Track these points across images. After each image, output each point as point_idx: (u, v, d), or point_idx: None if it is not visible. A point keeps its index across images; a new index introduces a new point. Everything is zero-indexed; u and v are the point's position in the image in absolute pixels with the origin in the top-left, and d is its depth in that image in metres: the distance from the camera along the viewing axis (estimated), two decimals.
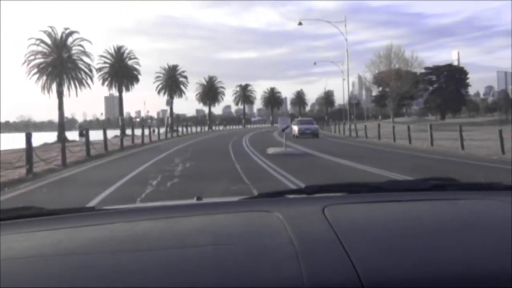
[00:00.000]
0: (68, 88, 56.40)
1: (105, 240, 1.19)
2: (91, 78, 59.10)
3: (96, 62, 75.24)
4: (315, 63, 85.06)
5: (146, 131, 36.25)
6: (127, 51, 76.68)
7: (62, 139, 51.37)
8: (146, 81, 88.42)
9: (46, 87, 56.07)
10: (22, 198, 9.84)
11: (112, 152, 23.09)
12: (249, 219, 1.35)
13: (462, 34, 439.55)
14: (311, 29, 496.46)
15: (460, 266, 1.01)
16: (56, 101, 55.15)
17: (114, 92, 75.16)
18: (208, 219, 1.37)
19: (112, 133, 43.50)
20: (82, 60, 58.41)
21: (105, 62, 75.68)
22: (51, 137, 51.64)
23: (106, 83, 74.87)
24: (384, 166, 14.16)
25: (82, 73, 58.04)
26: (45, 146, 33.33)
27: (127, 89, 75.17)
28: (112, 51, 75.92)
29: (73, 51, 58.29)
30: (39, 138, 43.90)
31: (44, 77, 55.87)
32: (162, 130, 46.97)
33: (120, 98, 75.01)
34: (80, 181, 12.83)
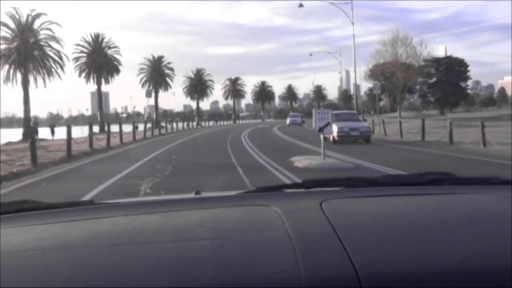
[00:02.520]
0: (35, 78, 47.03)
1: (104, 234, 1.16)
2: (61, 67, 49.53)
3: (72, 51, 66.07)
4: (311, 54, 76.04)
5: (129, 128, 27.87)
6: (106, 39, 66.98)
7: (30, 136, 42.56)
8: (134, 76, 78.57)
9: (9, 77, 46.53)
10: None
11: (46, 165, 13.87)
12: (247, 213, 1.31)
13: (448, 29, 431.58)
14: (299, 25, 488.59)
15: (457, 260, 0.98)
16: (42, 95, 45.93)
17: (93, 84, 65.37)
18: (206, 213, 1.32)
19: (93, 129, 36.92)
20: (50, 46, 48.90)
21: (81, 52, 65.91)
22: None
23: (83, 74, 65.23)
24: None
25: (51, 61, 48.52)
26: (6, 146, 24.69)
27: (107, 82, 65.51)
28: (89, 39, 66.18)
29: (41, 36, 48.71)
30: (11, 136, 39.39)
31: (7, 66, 46.34)
32: (148, 126, 38.33)
33: (99, 91, 65.30)
34: None
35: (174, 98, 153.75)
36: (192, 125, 60.50)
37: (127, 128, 32.72)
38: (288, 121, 60.65)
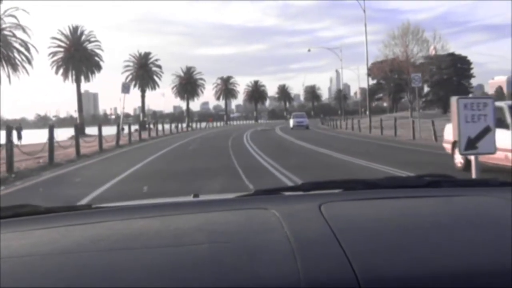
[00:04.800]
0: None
1: (102, 238, 1.13)
2: (29, 61, 41.22)
3: (48, 45, 57.63)
4: (309, 50, 69.03)
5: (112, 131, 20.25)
6: (86, 32, 58.52)
7: None
8: (123, 77, 69.94)
9: None
10: None
11: None
12: (246, 217, 1.27)
13: (438, 30, 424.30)
14: (289, 25, 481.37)
15: (456, 262, 0.96)
16: (31, 97, 37.69)
17: (72, 82, 56.86)
18: (204, 217, 1.29)
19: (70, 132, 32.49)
20: (15, 36, 40.50)
21: (59, 46, 57.41)
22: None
23: (61, 71, 56.76)
24: None
25: (16, 53, 40.14)
26: None
27: (87, 79, 57.04)
28: (67, 31, 57.67)
29: (5, 25, 40.32)
30: None
31: None
32: (134, 127, 30.36)
33: (78, 90, 56.72)
34: None
35: (164, 99, 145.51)
36: (181, 127, 50.68)
37: (111, 131, 24.81)
38: (291, 123, 46.60)
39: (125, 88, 26.64)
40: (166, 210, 1.38)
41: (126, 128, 27.68)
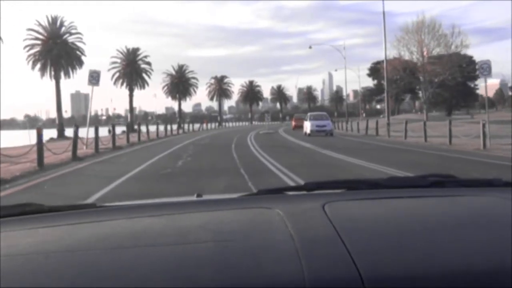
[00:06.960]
0: None
1: (106, 237, 1.11)
2: None
3: (23, 37, 50.28)
4: (310, 47, 62.66)
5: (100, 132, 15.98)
6: (66, 23, 51.13)
7: None
8: (109, 74, 62.47)
9: None
10: None
11: None
12: (250, 216, 1.26)
13: (430, 33, 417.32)
14: (282, 27, 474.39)
15: (459, 262, 0.94)
16: (23, 97, 30.40)
17: (51, 79, 49.43)
18: (208, 216, 1.27)
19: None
20: None
21: (36, 38, 50.07)
22: None
23: (38, 65, 49.38)
24: None
25: None
26: None
27: (67, 75, 49.68)
28: (45, 22, 50.26)
29: None
30: None
31: None
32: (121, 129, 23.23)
33: (58, 86, 49.24)
34: None
35: (155, 100, 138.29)
36: (171, 129, 41.78)
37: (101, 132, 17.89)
38: (308, 126, 31.70)
39: (93, 78, 19.27)
40: (171, 209, 1.35)
41: (114, 130, 20.88)
